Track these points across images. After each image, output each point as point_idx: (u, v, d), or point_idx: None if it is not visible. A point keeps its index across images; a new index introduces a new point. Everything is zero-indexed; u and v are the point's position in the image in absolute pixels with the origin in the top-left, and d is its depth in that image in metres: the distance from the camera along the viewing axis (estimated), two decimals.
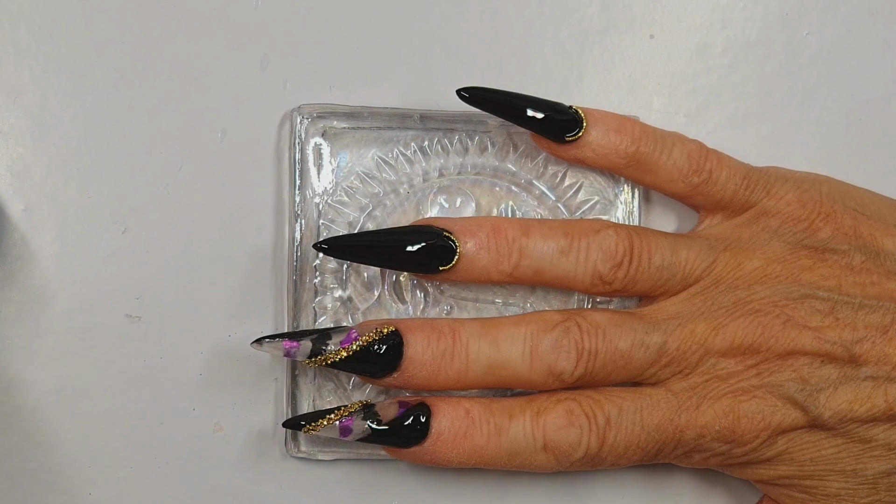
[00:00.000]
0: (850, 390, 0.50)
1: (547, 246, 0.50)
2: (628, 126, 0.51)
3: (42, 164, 0.52)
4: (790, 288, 0.50)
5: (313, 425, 0.49)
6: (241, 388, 0.52)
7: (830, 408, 0.50)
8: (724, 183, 0.51)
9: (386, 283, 0.52)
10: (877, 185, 0.54)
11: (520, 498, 0.53)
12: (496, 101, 0.50)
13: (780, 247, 0.51)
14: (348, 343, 0.49)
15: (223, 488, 0.52)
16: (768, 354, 0.50)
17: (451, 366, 0.50)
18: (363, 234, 0.51)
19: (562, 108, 0.51)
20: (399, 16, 0.53)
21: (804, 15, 0.54)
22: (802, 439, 0.50)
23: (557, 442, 0.50)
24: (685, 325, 0.50)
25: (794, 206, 0.51)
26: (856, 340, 0.50)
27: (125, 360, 0.52)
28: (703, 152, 0.51)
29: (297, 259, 0.52)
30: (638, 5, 0.54)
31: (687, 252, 0.51)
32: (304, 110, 0.52)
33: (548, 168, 0.53)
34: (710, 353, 0.50)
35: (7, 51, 0.51)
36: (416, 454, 0.50)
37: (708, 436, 0.50)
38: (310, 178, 0.52)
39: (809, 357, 0.50)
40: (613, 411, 0.50)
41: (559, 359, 0.50)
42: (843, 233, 0.51)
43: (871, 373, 0.50)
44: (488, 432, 0.50)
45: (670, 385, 0.50)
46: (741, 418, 0.50)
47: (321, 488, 0.53)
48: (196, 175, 0.52)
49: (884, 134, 0.55)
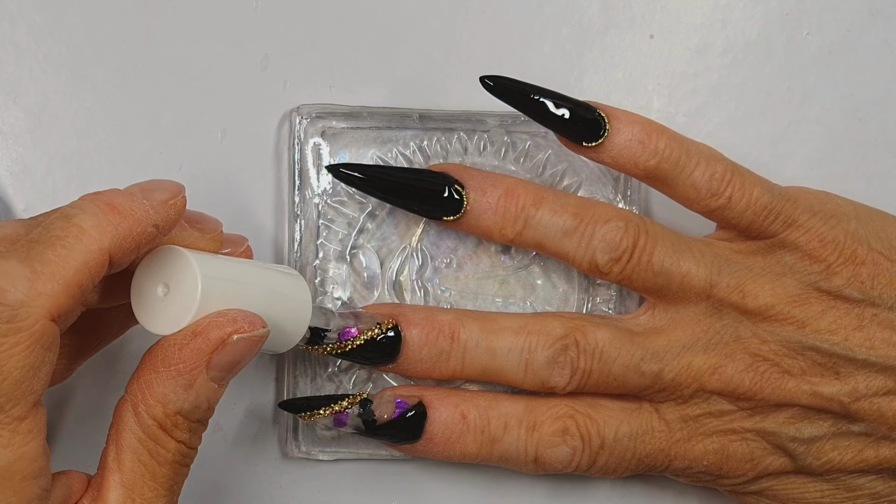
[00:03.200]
0: (841, 443, 0.50)
1: (553, 222, 0.50)
2: (654, 139, 0.49)
3: (42, 164, 0.52)
4: (794, 335, 0.49)
5: (309, 415, 0.50)
6: (241, 388, 0.52)
7: (819, 458, 0.50)
8: (741, 211, 0.49)
9: (386, 283, 0.52)
10: (877, 185, 0.53)
11: (520, 498, 0.53)
12: (519, 94, 0.49)
13: (792, 285, 0.50)
14: (348, 337, 0.49)
15: (223, 488, 0.52)
16: (763, 402, 0.50)
17: (446, 365, 0.50)
18: (374, 166, 0.51)
19: (585, 107, 0.49)
20: (398, 15, 0.53)
21: (804, 15, 0.54)
22: (789, 479, 0.51)
23: (548, 458, 0.50)
24: (683, 357, 0.50)
25: (815, 244, 0.49)
26: (854, 399, 0.49)
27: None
28: (726, 177, 0.49)
29: (297, 259, 0.52)
30: (638, 5, 0.54)
31: (690, 263, 0.50)
32: (303, 110, 0.52)
33: (547, 167, 0.53)
34: (705, 390, 0.50)
35: (7, 51, 0.52)
36: (407, 450, 0.51)
37: (696, 467, 0.50)
38: (309, 179, 0.52)
39: (805, 409, 0.50)
40: (609, 436, 0.50)
41: (553, 375, 0.50)
42: (860, 281, 0.49)
43: (865, 429, 0.50)
44: (481, 441, 0.50)
45: (664, 412, 0.50)
46: (730, 458, 0.50)
47: (321, 488, 0.53)
48: (196, 175, 0.52)
49: (884, 134, 0.54)
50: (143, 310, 0.44)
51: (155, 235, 0.43)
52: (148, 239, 0.43)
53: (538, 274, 0.53)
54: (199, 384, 0.43)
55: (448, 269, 0.53)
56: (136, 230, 0.42)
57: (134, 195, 0.43)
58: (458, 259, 0.53)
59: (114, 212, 0.42)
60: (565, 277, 0.53)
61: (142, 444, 0.43)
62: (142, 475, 0.43)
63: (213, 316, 0.43)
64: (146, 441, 0.43)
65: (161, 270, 0.44)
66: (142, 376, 0.43)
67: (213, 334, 0.43)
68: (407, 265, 0.52)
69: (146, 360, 0.44)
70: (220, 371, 0.43)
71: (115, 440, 0.43)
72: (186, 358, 0.43)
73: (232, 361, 0.44)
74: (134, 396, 0.43)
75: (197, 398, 0.43)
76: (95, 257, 0.41)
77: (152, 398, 0.43)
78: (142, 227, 0.42)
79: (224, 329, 0.43)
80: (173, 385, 0.43)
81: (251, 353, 0.44)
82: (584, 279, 0.53)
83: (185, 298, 0.43)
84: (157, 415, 0.43)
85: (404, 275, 0.52)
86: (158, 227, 0.43)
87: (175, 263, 0.44)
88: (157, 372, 0.43)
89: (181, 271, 0.44)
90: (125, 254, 0.42)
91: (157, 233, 0.43)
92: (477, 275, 0.53)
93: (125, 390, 0.44)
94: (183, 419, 0.43)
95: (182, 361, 0.43)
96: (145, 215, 0.42)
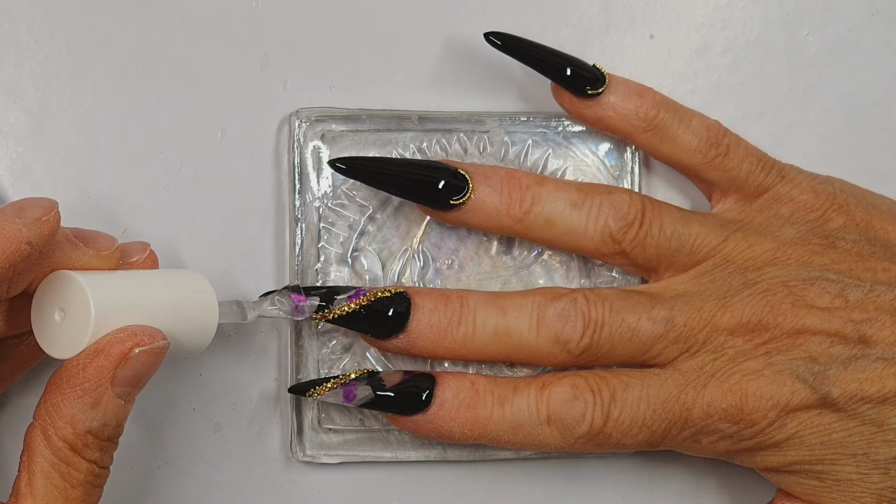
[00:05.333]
0: (859, 370, 0.49)
1: (560, 196, 0.50)
2: (650, 92, 0.52)
3: (42, 164, 0.52)
4: (800, 270, 0.50)
5: (318, 389, 0.50)
6: (241, 388, 0.52)
7: (839, 386, 0.49)
8: (740, 160, 0.52)
9: (388, 285, 0.52)
10: (877, 185, 0.54)
11: (520, 498, 0.54)
12: (524, 49, 0.51)
13: (791, 233, 0.51)
14: (356, 298, 0.49)
15: (223, 488, 0.53)
16: (777, 332, 0.50)
17: (457, 330, 0.50)
18: (377, 158, 0.51)
19: (585, 64, 0.51)
20: (398, 16, 0.53)
21: (804, 15, 0.54)
22: (813, 422, 0.50)
23: (561, 415, 0.49)
24: (692, 302, 0.50)
25: (808, 195, 0.51)
26: (866, 321, 0.50)
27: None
28: (721, 128, 0.52)
29: (298, 263, 0.52)
30: (638, 5, 0.54)
31: (699, 227, 0.51)
32: (302, 114, 0.52)
33: (547, 166, 0.53)
34: (718, 331, 0.50)
35: (7, 51, 0.51)
36: (418, 423, 0.50)
37: (715, 414, 0.50)
38: (309, 182, 0.52)
39: (819, 336, 0.50)
40: (619, 387, 0.50)
41: (566, 327, 0.50)
42: (854, 223, 0.51)
43: (881, 353, 0.50)
44: (492, 403, 0.50)
45: (678, 364, 0.50)
46: (749, 396, 0.49)
47: (320, 488, 0.53)
48: (196, 175, 0.52)
49: (884, 134, 0.55)
50: (44, 335, 0.45)
51: (29, 253, 0.43)
52: (22, 257, 0.43)
53: (539, 274, 0.53)
54: (105, 401, 0.44)
55: (450, 271, 0.53)
56: (9, 249, 0.43)
57: (6, 215, 0.43)
58: (459, 260, 0.53)
59: None
60: (566, 277, 0.53)
61: (53, 467, 0.44)
62: (55, 498, 0.44)
63: (114, 333, 0.44)
64: (57, 464, 0.44)
65: (56, 296, 0.45)
66: (49, 400, 0.44)
67: (115, 350, 0.44)
68: (409, 267, 0.52)
69: (52, 383, 0.44)
70: (125, 386, 0.44)
71: (27, 466, 0.44)
72: (91, 376, 0.43)
73: (136, 375, 0.44)
74: (43, 420, 0.44)
75: (105, 416, 0.44)
76: None
77: (61, 420, 0.44)
78: (14, 245, 0.43)
79: (125, 344, 0.44)
80: (80, 405, 0.43)
81: (154, 365, 0.45)
82: (584, 279, 0.53)
83: (80, 321, 0.44)
84: (67, 436, 0.43)
85: (406, 277, 0.52)
86: (32, 244, 0.43)
87: (68, 288, 0.44)
88: (63, 394, 0.44)
89: (74, 295, 0.44)
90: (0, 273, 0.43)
91: (30, 250, 0.43)
92: (479, 275, 0.53)
93: (33, 416, 0.44)
94: (93, 438, 0.44)
95: (87, 380, 0.43)
96: (17, 233, 0.43)
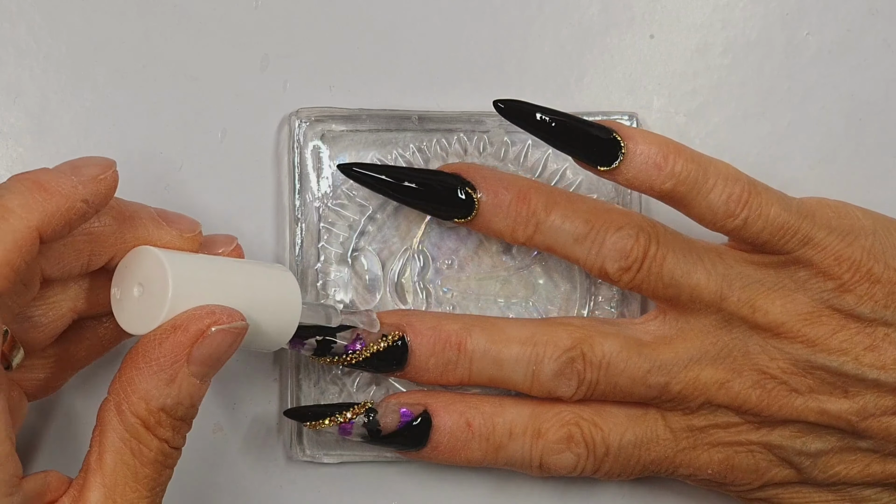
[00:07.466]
0: (847, 457, 0.50)
1: (564, 228, 0.49)
2: (670, 160, 0.48)
3: (42, 164, 0.51)
4: (803, 353, 0.49)
5: (315, 424, 0.50)
6: (241, 388, 0.52)
7: (825, 471, 0.50)
8: (758, 232, 0.48)
9: (388, 285, 0.52)
10: (877, 185, 0.54)
11: (521, 499, 0.54)
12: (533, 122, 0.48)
13: (803, 302, 0.49)
14: (354, 349, 0.49)
15: (223, 488, 0.52)
16: (769, 418, 0.50)
17: (453, 374, 0.50)
18: (387, 166, 0.51)
19: (601, 129, 0.48)
20: (398, 16, 0.53)
21: (804, 15, 0.54)
22: (794, 489, 0.51)
23: (553, 465, 0.50)
24: (690, 370, 0.50)
25: (830, 262, 0.49)
26: (863, 418, 0.49)
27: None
28: (743, 197, 0.48)
29: (298, 263, 0.52)
30: (638, 5, 0.54)
31: (701, 277, 0.49)
32: (302, 114, 0.52)
33: (547, 167, 0.53)
34: (712, 403, 0.50)
35: (7, 51, 0.51)
36: (412, 455, 0.51)
37: (700, 475, 0.51)
38: (309, 182, 0.52)
39: (811, 425, 0.50)
40: (614, 443, 0.50)
41: (560, 386, 0.50)
42: (874, 299, 0.49)
43: (872, 446, 0.50)
44: (486, 448, 0.50)
45: (670, 421, 0.50)
46: (735, 468, 0.50)
47: (320, 488, 0.53)
48: (196, 175, 0.52)
49: (884, 134, 0.54)
50: (121, 311, 0.45)
51: (85, 211, 0.43)
52: (78, 214, 0.43)
53: (540, 273, 0.53)
54: (180, 379, 0.43)
55: (450, 270, 0.53)
56: (65, 206, 0.42)
57: (62, 172, 0.43)
58: (459, 260, 0.53)
59: (40, 189, 0.42)
60: (567, 277, 0.53)
61: (125, 443, 0.43)
62: (124, 476, 0.43)
63: (192, 310, 0.43)
64: (129, 440, 0.43)
65: (136, 271, 0.44)
66: (124, 375, 0.43)
67: (192, 327, 0.43)
68: (408, 267, 0.52)
69: (127, 359, 0.44)
70: (201, 365, 0.43)
71: (99, 441, 0.43)
72: (167, 352, 0.43)
73: (212, 354, 0.44)
74: (117, 395, 0.43)
75: (179, 394, 0.43)
76: (24, 235, 0.41)
77: (135, 395, 0.43)
78: (70, 202, 0.42)
79: (203, 321, 0.43)
80: (155, 380, 0.43)
81: (232, 346, 0.44)
82: (586, 279, 0.53)
83: (158, 296, 0.44)
84: (140, 412, 0.43)
85: (406, 277, 0.52)
86: (88, 202, 0.43)
87: (148, 262, 0.44)
88: (138, 369, 0.43)
89: (153, 270, 0.44)
90: (55, 230, 0.42)
91: (87, 208, 0.43)
92: (479, 275, 0.53)
93: (108, 391, 0.44)
94: (166, 416, 0.43)
95: (163, 356, 0.43)
96: (73, 191, 0.43)
